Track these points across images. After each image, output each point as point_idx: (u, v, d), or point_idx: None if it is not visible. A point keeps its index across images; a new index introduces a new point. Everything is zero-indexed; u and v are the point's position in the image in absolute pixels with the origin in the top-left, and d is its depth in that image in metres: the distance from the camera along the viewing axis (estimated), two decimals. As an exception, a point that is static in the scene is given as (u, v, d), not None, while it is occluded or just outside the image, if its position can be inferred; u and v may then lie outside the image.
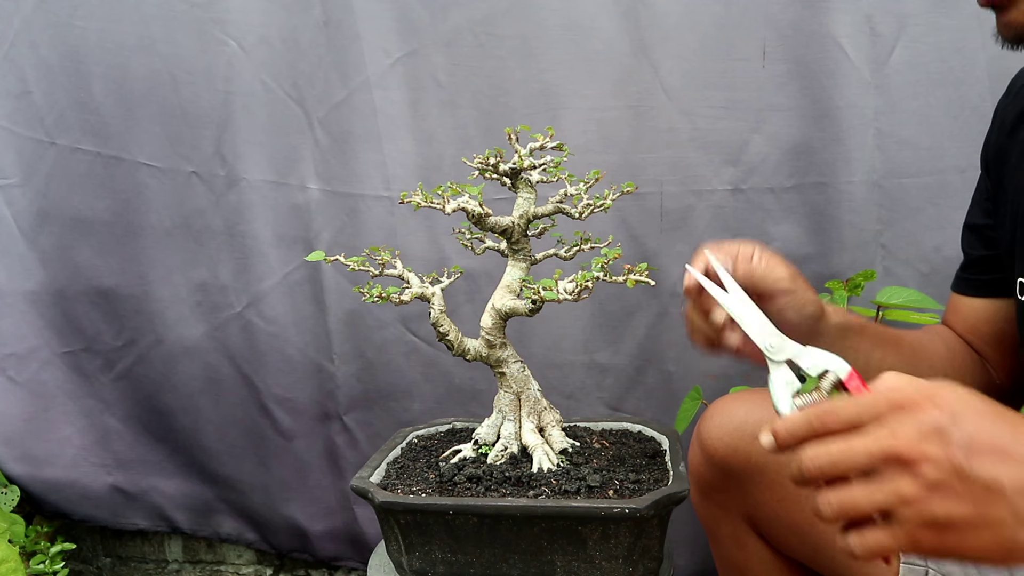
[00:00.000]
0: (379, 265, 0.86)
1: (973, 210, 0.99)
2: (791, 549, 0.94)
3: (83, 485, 1.69)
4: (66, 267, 1.61)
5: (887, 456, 0.53)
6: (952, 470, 0.52)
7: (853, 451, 0.55)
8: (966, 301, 0.98)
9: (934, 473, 0.52)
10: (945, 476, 0.52)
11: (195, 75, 1.50)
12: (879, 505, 0.54)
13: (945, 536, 0.52)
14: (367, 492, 0.79)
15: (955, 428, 0.53)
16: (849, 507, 0.55)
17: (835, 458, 0.55)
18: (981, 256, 0.96)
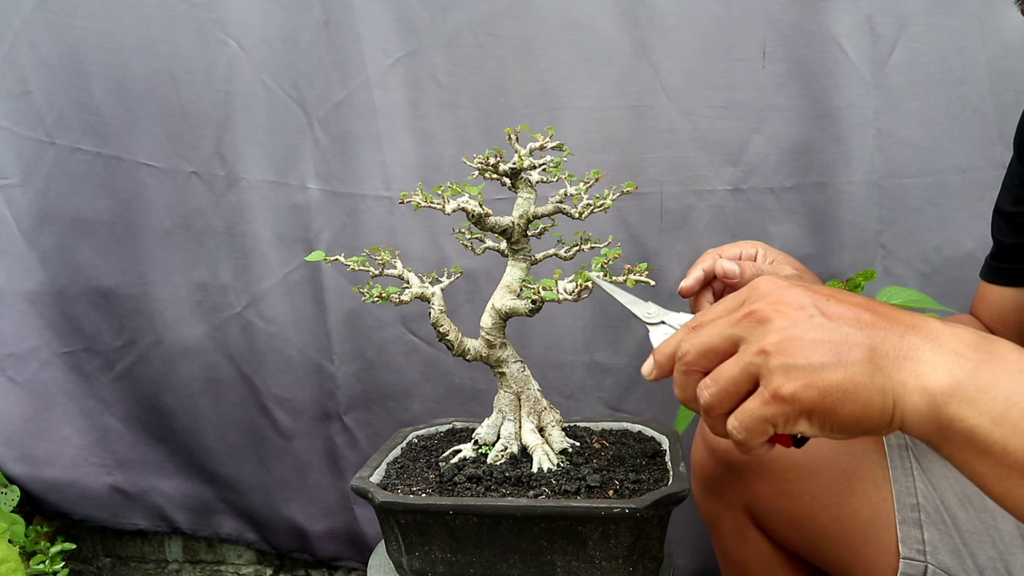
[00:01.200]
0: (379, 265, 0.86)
1: (1004, 196, 0.97)
2: (791, 542, 0.95)
3: (83, 485, 1.69)
4: (66, 267, 1.61)
5: (745, 316, 0.55)
6: (808, 317, 0.54)
7: (716, 324, 0.57)
8: (995, 290, 0.98)
9: (790, 320, 0.54)
10: (803, 323, 0.54)
11: (195, 75, 1.50)
12: (743, 364, 0.54)
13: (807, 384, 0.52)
14: (367, 492, 0.79)
15: (810, 291, 0.55)
16: (719, 377, 0.56)
17: (701, 335, 0.57)
18: (1012, 244, 0.95)
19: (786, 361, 0.53)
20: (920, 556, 0.82)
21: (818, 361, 0.52)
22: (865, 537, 0.86)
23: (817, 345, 0.53)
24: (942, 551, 0.82)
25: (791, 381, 0.52)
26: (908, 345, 0.52)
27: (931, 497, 0.83)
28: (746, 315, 0.55)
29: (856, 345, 0.52)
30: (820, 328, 0.53)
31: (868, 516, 0.86)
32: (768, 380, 0.53)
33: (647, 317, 0.73)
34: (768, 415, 0.54)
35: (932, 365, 0.52)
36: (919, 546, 0.82)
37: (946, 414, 0.51)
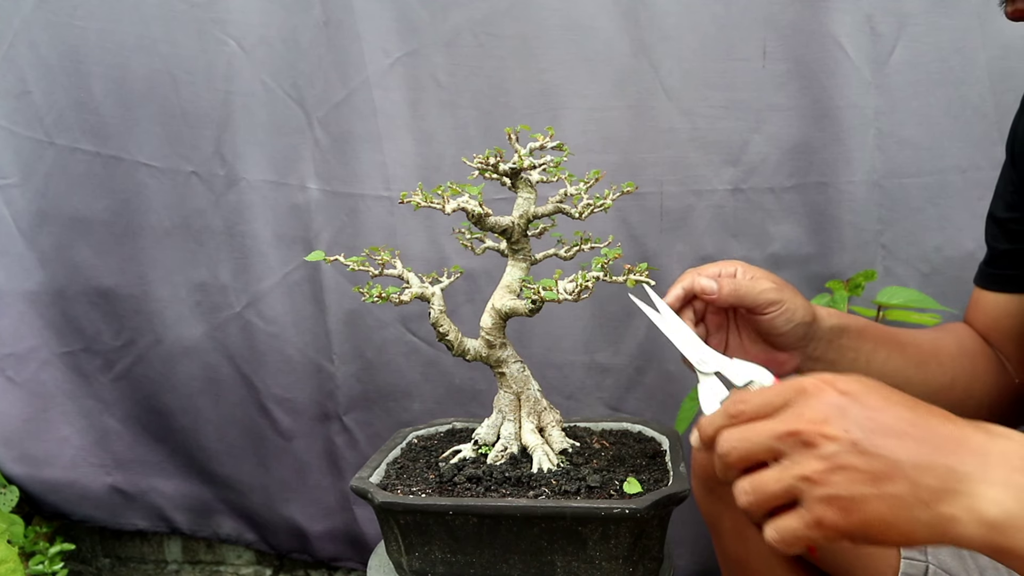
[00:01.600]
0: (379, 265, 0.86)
1: (996, 202, 0.97)
2: None
3: (82, 485, 1.68)
4: (65, 267, 1.61)
5: (790, 434, 0.56)
6: (851, 447, 0.54)
7: (759, 432, 0.57)
8: (989, 296, 0.97)
9: (834, 450, 0.54)
10: (845, 453, 0.54)
11: (195, 75, 1.50)
12: (785, 485, 0.55)
13: (848, 514, 0.53)
14: (367, 492, 0.79)
15: (855, 407, 0.55)
16: (760, 490, 0.57)
17: (744, 439, 0.58)
18: (1006, 250, 0.94)
19: (829, 492, 0.53)
20: (921, 556, 0.82)
21: (859, 493, 0.53)
22: (865, 537, 0.86)
23: (860, 476, 0.53)
24: (943, 551, 0.82)
25: (832, 511, 0.53)
26: (953, 477, 0.52)
27: None
28: (790, 433, 0.56)
29: (899, 477, 0.53)
30: (863, 455, 0.53)
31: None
32: (810, 507, 0.54)
33: (700, 365, 0.71)
34: (809, 536, 0.55)
35: (981, 497, 0.52)
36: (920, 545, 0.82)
37: (1002, 544, 0.51)
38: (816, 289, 1.39)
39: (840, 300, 1.31)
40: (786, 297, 0.81)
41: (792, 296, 0.82)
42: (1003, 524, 0.51)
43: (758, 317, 0.82)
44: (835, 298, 1.32)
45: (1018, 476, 0.52)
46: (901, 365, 0.89)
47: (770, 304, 0.81)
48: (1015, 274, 0.93)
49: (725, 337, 0.87)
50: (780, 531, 0.56)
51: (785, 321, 0.81)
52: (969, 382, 0.92)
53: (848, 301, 1.31)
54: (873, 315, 1.32)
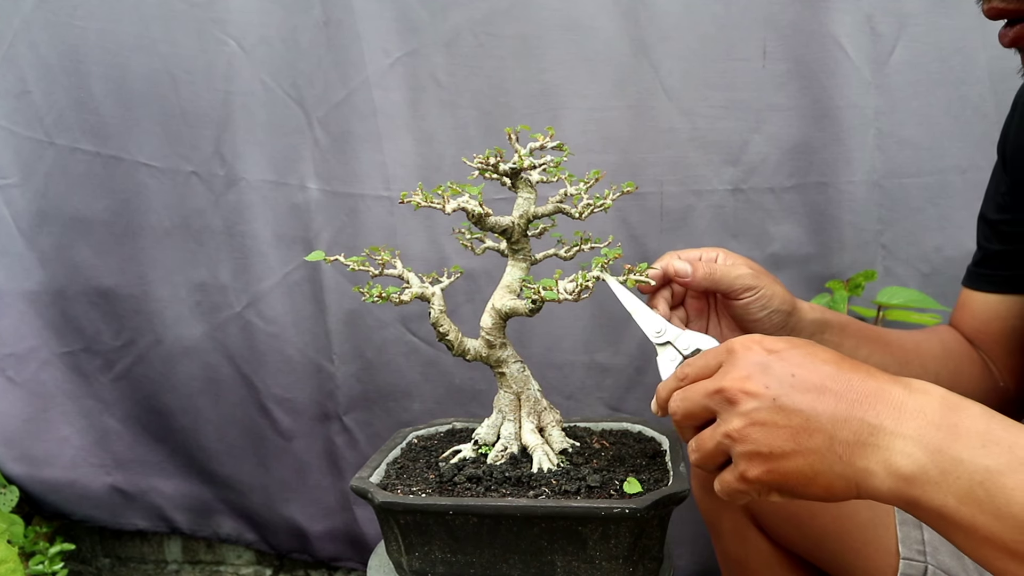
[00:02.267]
0: (379, 265, 0.85)
1: (987, 203, 0.97)
2: (791, 542, 0.95)
3: (82, 485, 1.68)
4: (65, 267, 1.61)
5: (717, 391, 0.59)
6: (771, 402, 0.56)
7: (696, 391, 0.61)
8: (978, 296, 0.97)
9: (754, 406, 0.57)
10: (764, 409, 0.57)
11: (195, 75, 1.50)
12: (716, 442, 0.59)
13: (769, 468, 0.56)
14: (367, 492, 0.79)
15: (778, 364, 0.58)
16: (701, 447, 0.61)
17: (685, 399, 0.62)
18: (998, 251, 0.94)
19: (748, 448, 0.57)
20: (920, 557, 0.82)
21: (778, 448, 0.56)
22: (865, 537, 0.86)
23: (778, 431, 0.56)
24: (942, 551, 0.82)
25: (754, 467, 0.57)
26: (868, 430, 0.54)
27: None
28: (717, 391, 0.59)
29: (816, 431, 0.55)
30: (781, 413, 0.56)
31: (868, 516, 0.86)
32: (736, 463, 0.58)
33: (655, 337, 0.76)
34: (741, 489, 0.59)
35: (894, 450, 0.53)
36: (919, 546, 0.82)
37: (912, 496, 0.53)
38: (816, 289, 1.39)
39: (840, 300, 1.31)
40: (763, 284, 0.83)
41: (770, 284, 0.83)
42: (914, 477, 0.53)
43: (733, 302, 0.84)
44: (835, 298, 1.32)
45: (931, 430, 0.53)
46: (883, 362, 0.90)
47: (745, 289, 0.82)
48: (1007, 275, 0.93)
49: (705, 324, 0.88)
50: (720, 485, 0.61)
51: (760, 307, 0.83)
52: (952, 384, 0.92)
53: (848, 301, 1.31)
54: (873, 315, 1.32)
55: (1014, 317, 0.93)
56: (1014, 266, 0.92)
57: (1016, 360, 0.95)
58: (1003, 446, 0.51)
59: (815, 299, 1.35)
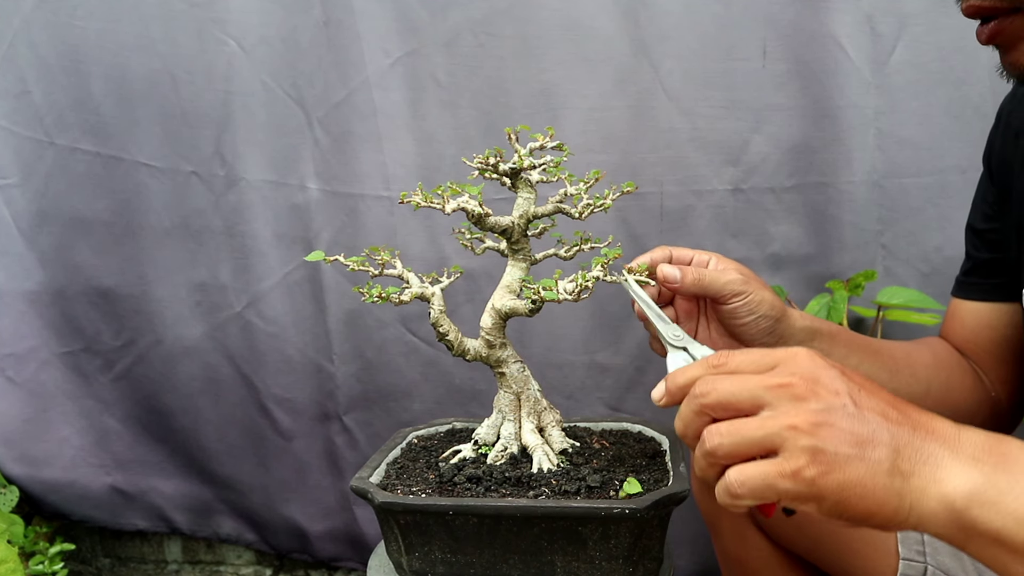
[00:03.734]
0: (379, 265, 0.85)
1: (974, 213, 0.97)
2: (790, 542, 0.95)
3: (82, 486, 1.68)
4: (65, 267, 1.61)
5: (781, 386, 0.55)
6: (843, 407, 0.54)
7: (748, 380, 0.57)
8: (968, 306, 0.97)
9: (826, 406, 0.54)
10: (837, 410, 0.54)
11: (195, 75, 1.50)
12: (768, 432, 0.55)
13: (828, 471, 0.53)
14: (367, 492, 0.79)
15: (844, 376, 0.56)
16: (738, 433, 0.56)
17: (728, 385, 0.57)
18: (987, 259, 0.95)
19: (816, 444, 0.53)
20: (920, 557, 0.82)
21: (844, 452, 0.53)
22: (864, 537, 0.86)
23: (846, 435, 0.54)
24: (942, 552, 0.82)
25: (815, 465, 0.53)
26: (928, 450, 0.54)
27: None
28: (781, 385, 0.56)
29: (881, 444, 0.54)
30: (851, 418, 0.54)
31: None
32: (791, 456, 0.54)
33: (672, 339, 0.75)
34: (780, 487, 0.54)
35: (950, 471, 0.53)
36: (919, 547, 0.82)
37: (968, 518, 0.52)
38: (816, 289, 1.39)
39: (840, 300, 1.31)
40: (751, 289, 0.82)
41: (758, 290, 0.83)
42: (971, 497, 0.52)
43: (720, 306, 0.83)
44: (835, 298, 1.32)
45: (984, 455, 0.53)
46: (873, 371, 0.89)
47: (733, 295, 0.82)
48: (996, 283, 0.93)
49: (695, 326, 0.88)
50: (747, 477, 0.55)
51: (747, 312, 0.82)
52: (944, 393, 0.92)
53: (848, 301, 1.31)
54: (873, 315, 1.32)
55: (1004, 326, 0.93)
56: (1002, 274, 0.92)
57: (1008, 369, 0.95)
58: None
59: (815, 299, 1.35)
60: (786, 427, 0.54)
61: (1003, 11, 0.68)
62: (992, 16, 0.69)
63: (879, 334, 1.31)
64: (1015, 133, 0.89)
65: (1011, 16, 0.68)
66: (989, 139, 0.95)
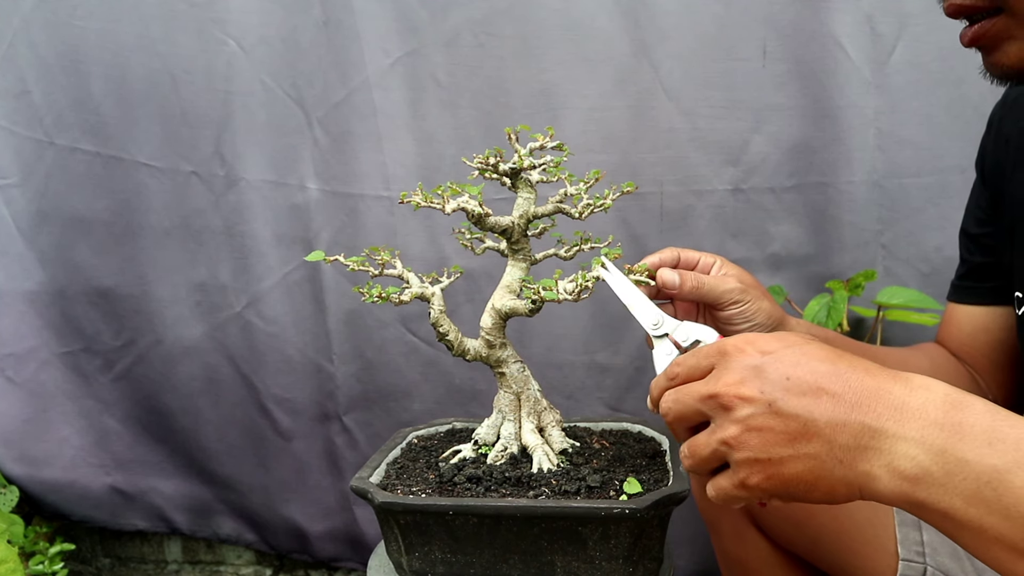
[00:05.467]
0: (379, 265, 0.85)
1: (968, 218, 0.98)
2: (790, 542, 0.95)
3: (82, 486, 1.68)
4: (65, 267, 1.61)
5: (710, 397, 0.58)
6: (766, 408, 0.55)
7: (688, 394, 0.60)
8: (963, 310, 0.97)
9: (749, 412, 0.56)
10: (760, 415, 0.55)
11: (194, 75, 1.50)
12: (711, 449, 0.58)
13: (768, 475, 0.55)
14: (367, 492, 0.79)
15: (772, 366, 0.56)
16: (695, 454, 0.60)
17: (677, 401, 0.61)
18: (981, 263, 0.95)
19: (746, 455, 0.56)
20: (919, 558, 0.82)
21: (776, 454, 0.55)
22: (864, 537, 0.86)
23: (775, 437, 0.55)
24: (941, 552, 0.82)
25: (754, 474, 0.56)
26: (868, 434, 0.53)
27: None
28: (711, 396, 0.58)
29: (814, 436, 0.54)
30: (777, 418, 0.55)
31: (867, 516, 0.86)
32: (735, 470, 0.57)
33: (652, 330, 0.75)
34: (739, 496, 0.58)
35: (896, 454, 0.52)
36: (918, 547, 0.82)
37: (917, 499, 0.52)
38: (816, 289, 1.39)
39: (840, 300, 1.31)
40: (749, 298, 0.83)
41: (757, 298, 0.84)
42: (918, 479, 0.51)
43: (717, 312, 0.84)
44: (835, 298, 1.32)
45: (934, 431, 0.52)
46: None
47: (731, 302, 0.83)
48: (991, 286, 0.94)
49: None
50: (716, 490, 0.60)
51: (743, 320, 0.83)
52: None
53: (848, 301, 1.31)
54: (873, 315, 1.32)
55: (999, 329, 0.94)
56: (996, 277, 0.93)
57: (1004, 374, 0.95)
58: (1009, 443, 0.50)
59: (815, 299, 1.35)
60: (721, 443, 0.57)
61: (984, 11, 0.70)
62: (974, 16, 0.70)
63: (879, 334, 1.31)
64: (1006, 138, 0.90)
65: (992, 17, 0.69)
66: (981, 145, 0.96)
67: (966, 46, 0.72)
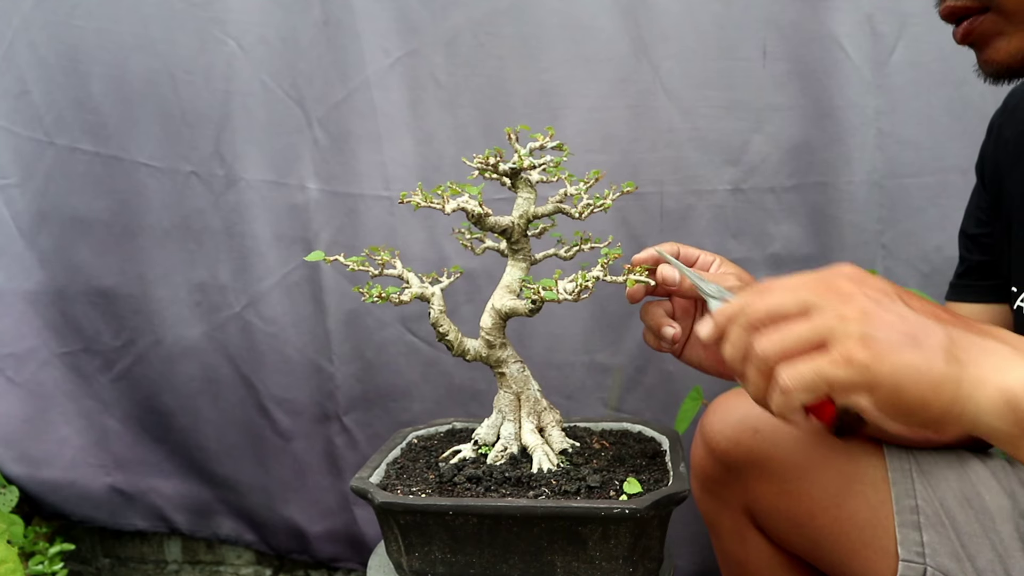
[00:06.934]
0: (378, 265, 0.85)
1: (967, 220, 0.99)
2: (790, 542, 0.95)
3: (82, 486, 1.68)
4: (65, 267, 1.61)
5: (829, 289, 0.55)
6: (890, 303, 0.54)
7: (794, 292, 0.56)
8: (963, 308, 0.97)
9: (875, 300, 0.54)
10: (887, 304, 0.54)
11: (194, 74, 1.50)
12: (816, 326, 0.53)
13: (881, 356, 0.51)
14: (366, 492, 0.79)
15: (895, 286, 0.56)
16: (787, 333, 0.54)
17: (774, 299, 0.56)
18: (980, 261, 0.96)
19: (866, 330, 0.52)
20: (919, 559, 0.82)
21: (896, 339, 0.52)
22: (864, 538, 0.86)
23: (898, 323, 0.53)
24: (941, 553, 0.82)
25: (867, 349, 0.51)
26: (984, 344, 0.53)
27: (930, 499, 0.83)
28: (828, 288, 0.55)
29: (935, 333, 0.53)
30: (902, 311, 0.54)
31: (867, 517, 0.86)
32: (842, 342, 0.52)
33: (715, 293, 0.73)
34: (831, 376, 0.52)
35: (1011, 362, 0.52)
36: (918, 548, 0.82)
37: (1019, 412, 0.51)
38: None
39: (840, 300, 1.30)
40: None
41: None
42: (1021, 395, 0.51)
43: None
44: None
45: None
46: None
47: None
48: (990, 284, 0.94)
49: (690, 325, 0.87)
50: (798, 369, 0.53)
51: None
52: None
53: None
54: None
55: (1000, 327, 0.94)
56: (996, 276, 0.93)
57: None
58: None
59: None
60: (835, 317, 0.53)
61: (976, 11, 0.70)
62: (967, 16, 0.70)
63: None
64: (1006, 141, 0.90)
65: (982, 15, 0.70)
66: (981, 151, 0.96)
67: (959, 43, 0.73)
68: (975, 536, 0.82)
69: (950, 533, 0.82)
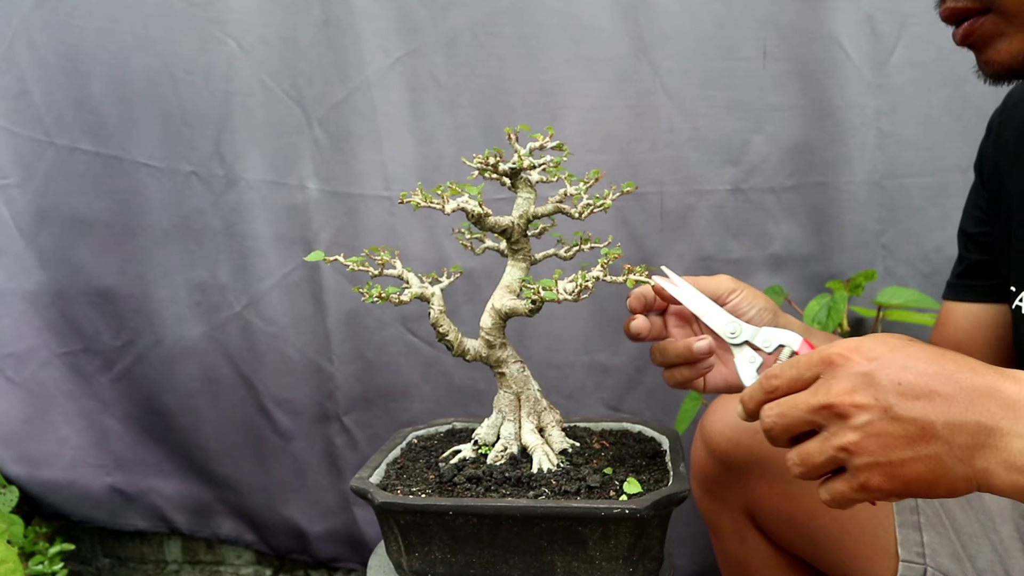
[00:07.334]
0: (378, 265, 0.85)
1: (966, 219, 0.99)
2: (790, 543, 0.95)
3: (82, 486, 1.68)
4: (65, 267, 1.61)
5: (823, 407, 0.58)
6: (883, 413, 0.56)
7: (796, 406, 0.60)
8: (962, 308, 0.97)
9: (867, 419, 0.56)
10: (877, 420, 0.56)
11: (194, 74, 1.50)
12: (828, 456, 0.58)
13: (891, 477, 0.56)
14: (366, 493, 0.78)
15: (882, 372, 0.57)
16: (807, 462, 0.60)
17: (783, 414, 0.61)
18: (979, 260, 0.96)
19: (868, 460, 0.56)
20: (919, 559, 0.82)
21: (897, 457, 0.56)
22: (864, 539, 0.86)
23: (894, 441, 0.55)
24: (941, 554, 0.82)
25: (876, 476, 0.56)
26: (984, 432, 0.54)
27: (930, 499, 0.83)
28: (824, 407, 0.58)
29: (932, 438, 0.55)
30: (895, 423, 0.55)
31: (867, 518, 0.86)
32: (854, 474, 0.57)
33: (730, 339, 0.75)
34: (860, 498, 0.58)
35: (1012, 450, 0.54)
36: (918, 548, 0.82)
37: None
38: (816, 289, 1.39)
39: (840, 300, 1.31)
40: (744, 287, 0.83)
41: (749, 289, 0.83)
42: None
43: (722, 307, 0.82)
44: (835, 298, 1.32)
45: None
46: None
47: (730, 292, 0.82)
48: (989, 284, 0.94)
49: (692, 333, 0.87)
50: (832, 494, 0.60)
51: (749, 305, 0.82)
52: None
53: (848, 301, 1.31)
54: (873, 315, 1.32)
55: (998, 326, 0.94)
56: (995, 275, 0.93)
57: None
58: None
59: (815, 299, 1.35)
60: (839, 449, 0.57)
61: (976, 12, 0.70)
62: (968, 19, 0.70)
63: (879, 334, 1.31)
64: (1005, 140, 0.90)
65: (982, 16, 0.70)
66: (980, 149, 0.96)
67: (959, 44, 0.73)
68: (975, 536, 0.82)
69: (950, 533, 0.82)
